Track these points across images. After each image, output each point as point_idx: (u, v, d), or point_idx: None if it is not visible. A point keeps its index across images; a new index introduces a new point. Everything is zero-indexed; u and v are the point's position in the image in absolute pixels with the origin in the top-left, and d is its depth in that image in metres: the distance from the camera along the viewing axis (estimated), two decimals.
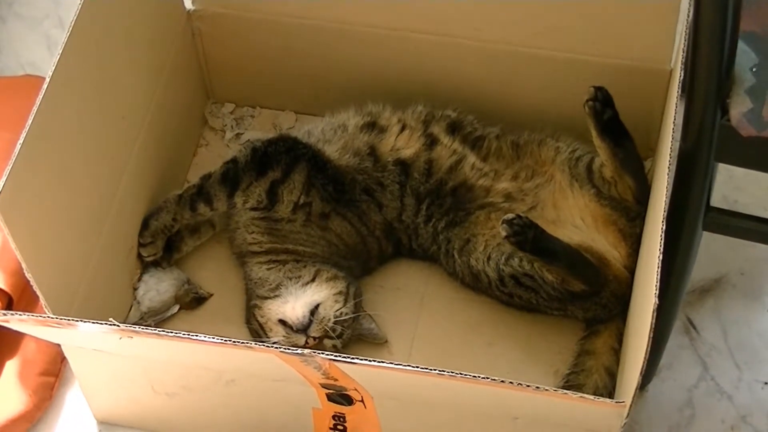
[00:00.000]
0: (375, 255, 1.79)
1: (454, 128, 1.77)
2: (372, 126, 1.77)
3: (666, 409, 1.73)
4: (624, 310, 1.67)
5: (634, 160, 1.68)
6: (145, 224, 1.75)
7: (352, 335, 1.70)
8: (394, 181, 1.75)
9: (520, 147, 1.77)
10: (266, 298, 1.70)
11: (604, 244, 1.68)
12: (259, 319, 1.69)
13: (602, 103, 1.63)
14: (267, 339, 1.67)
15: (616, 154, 1.66)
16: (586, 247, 1.65)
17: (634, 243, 1.67)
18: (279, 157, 1.72)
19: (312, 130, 1.80)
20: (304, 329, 1.66)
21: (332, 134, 1.78)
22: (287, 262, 1.72)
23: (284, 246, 1.74)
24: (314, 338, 1.65)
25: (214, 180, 1.73)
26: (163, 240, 1.77)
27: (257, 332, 1.70)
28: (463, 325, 1.75)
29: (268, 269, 1.73)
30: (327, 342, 1.67)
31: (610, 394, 1.61)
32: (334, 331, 1.66)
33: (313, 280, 1.70)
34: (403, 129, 1.77)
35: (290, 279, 1.70)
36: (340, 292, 1.69)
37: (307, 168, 1.72)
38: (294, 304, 1.67)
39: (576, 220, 1.70)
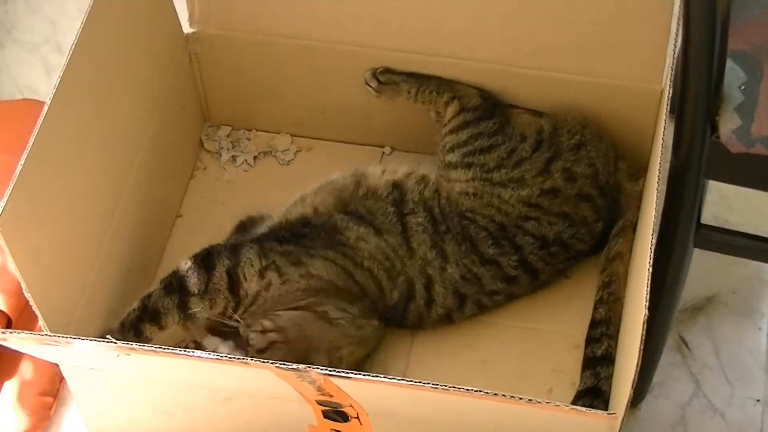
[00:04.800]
0: (376, 297, 1.67)
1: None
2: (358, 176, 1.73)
3: (659, 427, 1.74)
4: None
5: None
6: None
7: None
8: (387, 203, 1.70)
9: None
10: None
11: None
12: None
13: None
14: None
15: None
16: None
17: None
18: (221, 250, 1.64)
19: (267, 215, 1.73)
20: None
21: (299, 202, 1.71)
22: None
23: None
24: None
25: (156, 295, 1.60)
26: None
27: None
28: (458, 343, 1.75)
29: None
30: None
31: None
32: None
33: None
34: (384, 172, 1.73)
35: None
36: None
37: (255, 246, 1.64)
38: None
39: None
